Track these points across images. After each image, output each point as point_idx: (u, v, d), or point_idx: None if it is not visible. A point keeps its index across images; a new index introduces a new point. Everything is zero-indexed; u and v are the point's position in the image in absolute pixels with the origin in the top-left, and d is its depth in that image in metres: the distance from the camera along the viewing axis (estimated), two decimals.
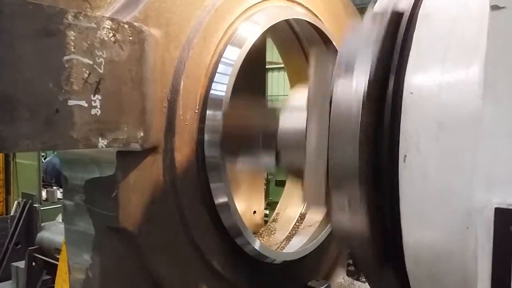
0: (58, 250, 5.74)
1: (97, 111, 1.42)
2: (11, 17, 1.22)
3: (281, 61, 2.82)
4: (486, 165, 1.11)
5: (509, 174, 1.09)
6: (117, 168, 1.63)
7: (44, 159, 13.48)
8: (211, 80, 1.87)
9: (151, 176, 1.71)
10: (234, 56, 1.90)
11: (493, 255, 1.10)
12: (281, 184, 8.79)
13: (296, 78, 2.78)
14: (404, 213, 1.27)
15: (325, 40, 2.38)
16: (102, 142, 1.44)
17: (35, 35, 1.27)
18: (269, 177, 10.23)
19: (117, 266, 1.80)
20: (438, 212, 1.21)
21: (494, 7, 1.10)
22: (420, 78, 1.27)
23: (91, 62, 1.39)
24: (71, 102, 1.35)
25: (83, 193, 1.78)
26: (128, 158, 1.64)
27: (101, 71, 1.43)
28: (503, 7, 1.09)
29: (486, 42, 1.12)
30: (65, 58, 1.33)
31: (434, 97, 1.21)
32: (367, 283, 1.77)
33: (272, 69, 24.16)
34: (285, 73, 2.90)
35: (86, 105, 1.39)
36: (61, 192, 9.77)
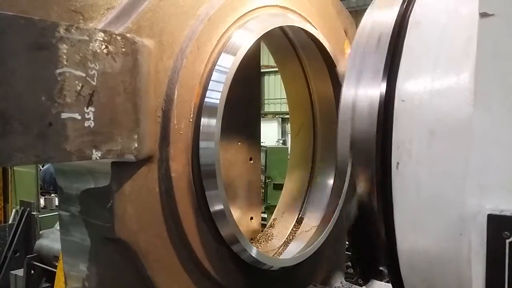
0: (57, 258, 5.72)
1: (91, 123, 1.42)
2: (2, 31, 1.22)
3: None
4: (478, 171, 1.12)
5: (501, 181, 1.10)
6: (112, 178, 1.62)
7: (42, 167, 13.44)
8: (205, 88, 1.87)
9: (147, 186, 1.71)
10: (228, 63, 1.90)
11: (487, 260, 1.10)
12: (279, 187, 8.79)
13: (291, 83, 2.79)
14: (398, 220, 1.28)
15: (319, 46, 2.38)
16: (96, 154, 1.44)
17: (26, 49, 1.27)
18: (267, 180, 10.23)
19: (114, 276, 1.79)
20: (431, 219, 1.22)
21: (483, 15, 1.11)
22: (411, 86, 1.28)
23: (84, 75, 1.40)
24: (64, 115, 1.35)
25: (78, 204, 1.78)
26: (123, 169, 1.64)
27: (94, 83, 1.43)
28: (492, 15, 1.10)
29: (476, 49, 1.13)
30: (58, 71, 1.33)
31: (425, 105, 1.22)
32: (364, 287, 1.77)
33: (269, 72, 24.22)
34: None
35: (79, 117, 1.39)
36: None
